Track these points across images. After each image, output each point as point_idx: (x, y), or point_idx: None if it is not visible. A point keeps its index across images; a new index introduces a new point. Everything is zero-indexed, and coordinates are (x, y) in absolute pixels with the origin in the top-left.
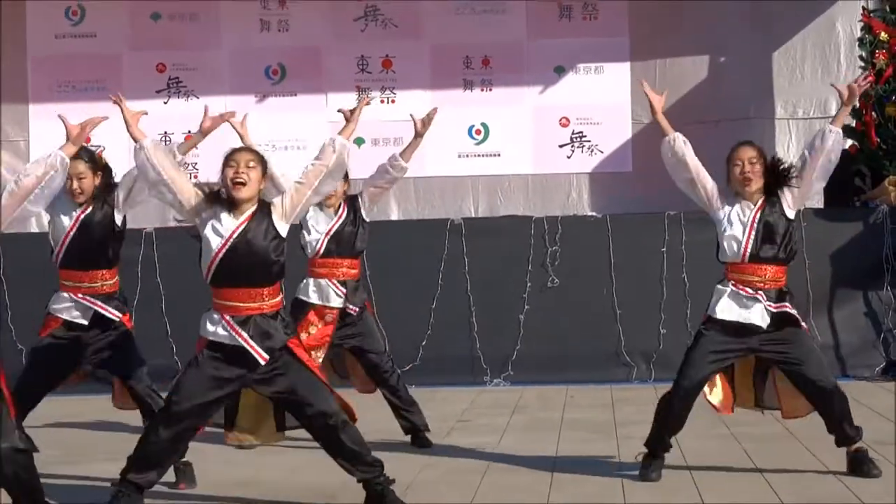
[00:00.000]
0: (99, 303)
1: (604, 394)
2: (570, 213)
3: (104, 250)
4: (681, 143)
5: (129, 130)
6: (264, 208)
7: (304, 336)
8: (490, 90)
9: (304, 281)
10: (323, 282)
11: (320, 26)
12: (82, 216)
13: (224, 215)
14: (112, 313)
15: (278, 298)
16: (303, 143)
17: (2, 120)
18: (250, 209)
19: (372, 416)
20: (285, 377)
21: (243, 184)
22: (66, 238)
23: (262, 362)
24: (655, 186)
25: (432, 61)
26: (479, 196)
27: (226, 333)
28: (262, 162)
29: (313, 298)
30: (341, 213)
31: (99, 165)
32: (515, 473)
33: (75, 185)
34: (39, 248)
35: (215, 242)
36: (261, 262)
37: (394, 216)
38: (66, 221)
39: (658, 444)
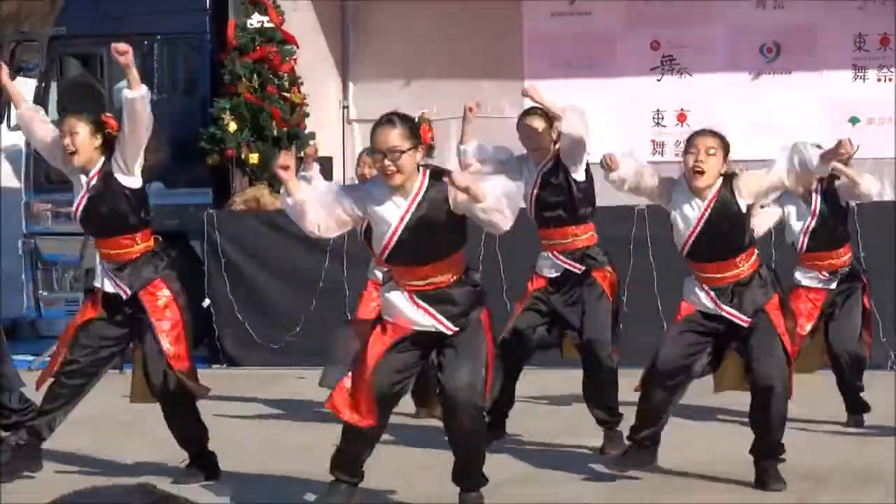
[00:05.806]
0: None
1: None
2: None
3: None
4: None
5: None
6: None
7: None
8: None
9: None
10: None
11: (816, 4)
12: None
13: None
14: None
15: (752, 261)
16: (793, 128)
17: (499, 98)
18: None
19: None
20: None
21: (701, 172)
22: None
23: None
24: None
25: None
26: None
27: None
28: (724, 147)
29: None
30: None
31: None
32: None
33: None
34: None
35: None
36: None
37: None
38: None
39: None
